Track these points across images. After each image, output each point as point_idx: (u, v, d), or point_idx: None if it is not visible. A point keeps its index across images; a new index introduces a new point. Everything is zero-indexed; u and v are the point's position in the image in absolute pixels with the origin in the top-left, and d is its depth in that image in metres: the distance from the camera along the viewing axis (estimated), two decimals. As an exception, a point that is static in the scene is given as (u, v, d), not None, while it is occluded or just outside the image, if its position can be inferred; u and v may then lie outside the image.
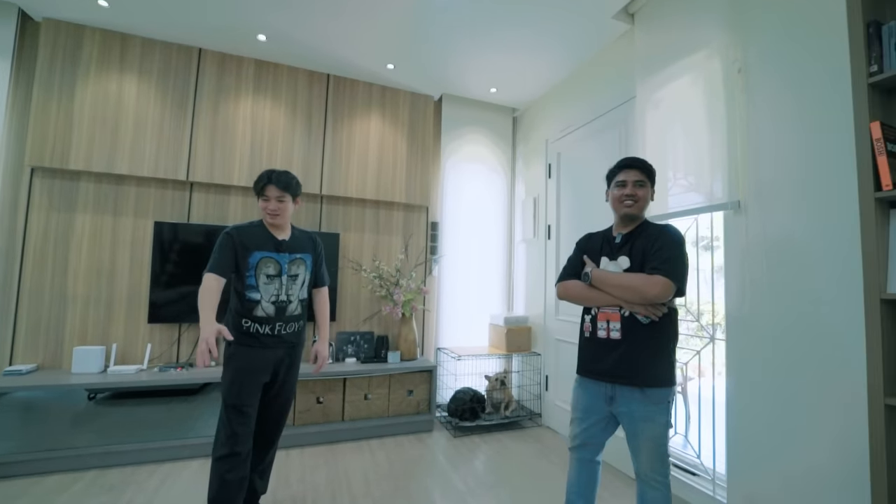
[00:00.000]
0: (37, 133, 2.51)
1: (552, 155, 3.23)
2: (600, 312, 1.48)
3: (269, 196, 1.75)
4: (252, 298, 1.71)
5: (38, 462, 2.17)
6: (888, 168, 1.31)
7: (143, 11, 2.49)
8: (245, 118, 2.95)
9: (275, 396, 1.80)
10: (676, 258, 1.39)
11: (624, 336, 1.42)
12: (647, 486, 1.41)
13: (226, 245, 1.71)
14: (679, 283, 1.37)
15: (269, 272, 1.75)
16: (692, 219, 2.13)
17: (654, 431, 1.38)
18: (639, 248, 1.45)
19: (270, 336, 1.73)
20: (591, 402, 1.50)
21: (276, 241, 1.79)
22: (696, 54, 2.01)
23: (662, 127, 2.17)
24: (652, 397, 1.38)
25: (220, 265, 1.69)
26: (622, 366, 1.41)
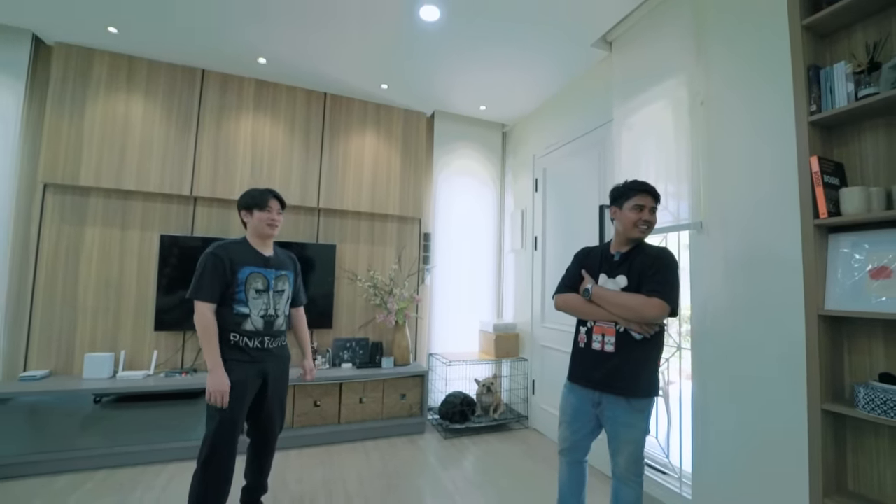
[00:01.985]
0: (49, 151, 2.66)
1: (539, 170, 3.40)
2: (596, 326, 1.60)
3: (273, 208, 1.87)
4: (241, 312, 1.76)
5: (50, 462, 2.32)
6: (824, 198, 1.48)
7: (149, 36, 2.64)
8: (246, 135, 3.10)
9: (267, 406, 1.86)
10: (672, 282, 1.51)
11: (617, 350, 1.54)
12: (623, 483, 1.58)
13: (216, 267, 1.73)
14: (673, 305, 1.49)
15: (257, 287, 1.81)
16: (662, 236, 2.29)
17: (634, 436, 1.53)
18: (636, 268, 1.56)
19: (259, 350, 1.79)
20: (580, 407, 1.63)
21: (262, 256, 1.86)
22: (666, 83, 2.18)
23: (636, 149, 2.34)
24: (636, 406, 1.52)
25: (213, 291, 1.72)
26: (613, 377, 1.54)
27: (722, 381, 1.87)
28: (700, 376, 1.97)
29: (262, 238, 1.88)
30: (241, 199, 1.89)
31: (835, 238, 1.52)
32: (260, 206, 1.86)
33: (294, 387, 2.83)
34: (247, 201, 1.87)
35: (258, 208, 1.86)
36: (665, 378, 2.94)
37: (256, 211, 1.85)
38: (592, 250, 1.75)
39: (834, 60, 1.57)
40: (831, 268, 1.51)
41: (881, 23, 1.46)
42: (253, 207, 1.86)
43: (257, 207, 1.86)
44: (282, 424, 1.99)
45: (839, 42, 1.58)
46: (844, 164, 1.55)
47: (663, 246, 1.68)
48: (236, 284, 1.76)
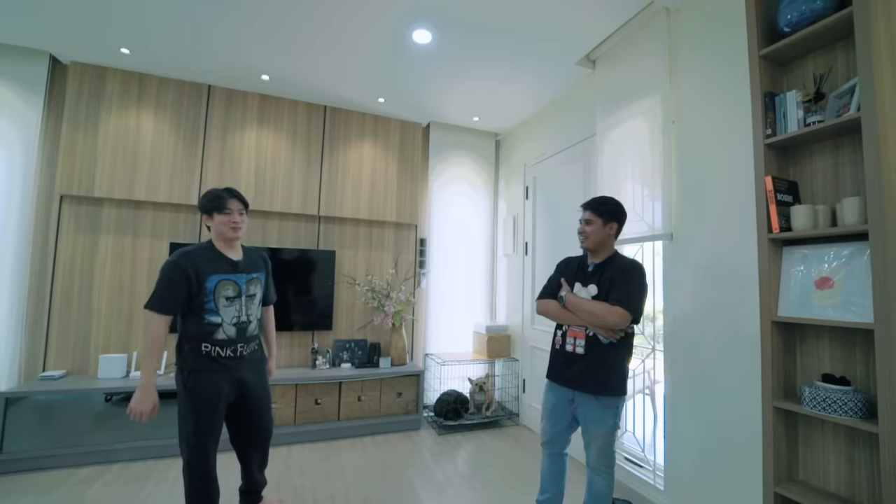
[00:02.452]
0: (65, 164, 2.83)
1: (529, 178, 3.55)
2: (570, 330, 1.77)
3: (233, 209, 1.75)
4: (213, 322, 1.69)
5: (70, 456, 2.49)
6: (776, 214, 1.63)
7: (159, 55, 2.80)
8: (250, 147, 3.26)
9: (255, 413, 1.85)
10: (634, 292, 1.66)
11: (586, 352, 1.71)
12: (595, 473, 1.76)
13: (177, 280, 1.64)
14: (635, 314, 1.64)
15: (228, 294, 1.72)
16: (639, 245, 2.44)
17: (602, 431, 1.70)
18: (606, 278, 1.71)
19: (232, 358, 1.73)
20: (557, 403, 1.81)
21: (230, 261, 1.75)
22: (642, 101, 2.33)
23: (615, 162, 2.49)
24: (604, 403, 1.69)
25: (170, 304, 1.64)
26: (583, 376, 1.71)
27: (689, 380, 2.02)
28: (671, 375, 2.12)
29: (227, 241, 1.78)
30: (200, 202, 1.78)
31: (788, 251, 1.66)
32: (219, 208, 1.73)
33: (296, 386, 2.99)
34: (204, 204, 1.75)
35: (217, 211, 1.73)
36: (652, 378, 3.10)
37: (216, 214, 1.74)
38: (572, 260, 1.92)
39: (789, 87, 1.72)
40: (784, 278, 1.66)
41: (827, 55, 1.61)
42: (212, 210, 1.74)
43: (217, 210, 1.73)
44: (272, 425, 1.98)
45: (794, 70, 1.73)
46: (798, 183, 1.70)
47: (634, 259, 1.83)
48: (204, 294, 1.67)
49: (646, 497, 2.21)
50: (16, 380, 2.69)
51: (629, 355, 1.76)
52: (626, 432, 2.52)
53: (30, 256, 2.79)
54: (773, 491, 1.56)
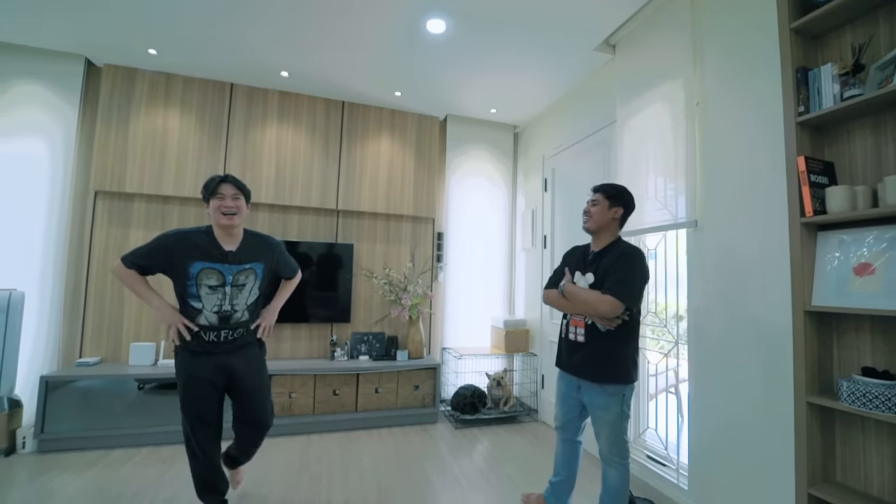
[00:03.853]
0: (99, 162, 2.97)
1: (548, 170, 3.47)
2: (572, 318, 1.78)
3: (225, 193, 1.69)
4: (194, 307, 1.68)
5: (104, 438, 2.61)
6: (810, 197, 1.52)
7: (184, 56, 2.90)
8: (271, 143, 3.34)
9: (248, 400, 1.82)
10: (626, 279, 1.62)
11: (586, 340, 1.72)
12: (608, 464, 1.73)
13: (157, 246, 1.66)
14: (627, 302, 1.61)
15: (210, 283, 1.68)
16: (661, 234, 2.35)
17: (609, 418, 1.68)
18: (603, 266, 1.69)
19: (217, 342, 1.71)
20: (566, 391, 1.84)
21: (221, 250, 1.70)
22: (664, 84, 2.23)
23: (636, 149, 2.40)
24: (608, 390, 1.67)
25: (141, 260, 1.65)
26: (584, 364, 1.72)
27: (715, 375, 1.92)
28: (695, 371, 2.02)
29: (223, 228, 1.71)
30: (202, 191, 1.77)
31: (823, 236, 1.56)
32: (212, 193, 1.68)
33: (315, 376, 3.04)
34: (203, 193, 1.73)
35: (211, 196, 1.69)
36: (676, 376, 2.98)
37: (211, 199, 1.69)
38: (577, 249, 1.90)
39: (823, 61, 1.60)
40: (819, 264, 1.55)
41: (868, 24, 1.49)
42: (208, 197, 1.70)
43: (210, 196, 1.69)
44: (272, 415, 1.94)
45: (829, 43, 1.61)
46: (834, 164, 1.58)
47: (634, 245, 1.76)
48: (187, 278, 1.67)
49: (669, 497, 2.12)
50: (55, 365, 2.85)
51: (632, 342, 1.71)
52: (648, 429, 2.43)
53: (67, 249, 2.95)
54: (807, 492, 1.47)
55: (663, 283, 2.35)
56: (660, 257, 2.39)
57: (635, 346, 1.73)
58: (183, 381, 1.71)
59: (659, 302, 2.41)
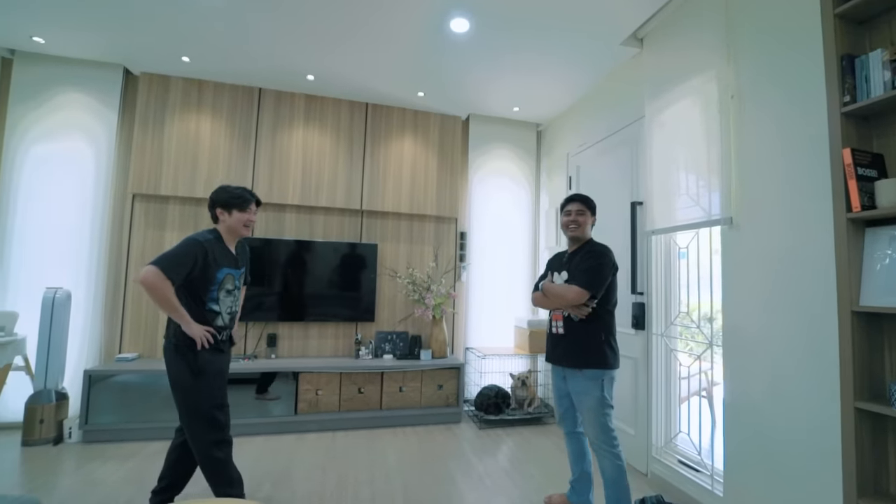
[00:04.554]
0: (137, 166, 3.11)
1: (572, 168, 3.42)
2: (553, 313, 1.96)
3: (252, 210, 1.87)
4: (213, 310, 1.78)
5: (142, 430, 2.73)
6: (857, 191, 1.44)
7: (215, 62, 3.00)
8: (297, 145, 3.41)
9: None
10: (590, 269, 1.83)
11: (565, 331, 1.90)
12: (599, 454, 1.84)
13: (192, 255, 1.69)
14: (590, 289, 1.80)
15: (228, 287, 1.82)
16: (693, 232, 2.27)
17: (590, 403, 1.82)
18: (574, 263, 1.91)
19: (226, 342, 1.86)
20: (557, 383, 2.00)
21: (233, 256, 1.85)
22: (696, 78, 2.16)
23: (667, 146, 2.33)
24: (588, 375, 1.83)
25: (178, 272, 1.66)
26: (566, 353, 1.89)
27: (753, 379, 1.84)
28: (731, 374, 1.95)
29: (236, 236, 1.87)
30: (219, 196, 1.83)
31: (872, 232, 1.47)
32: (241, 206, 1.82)
33: (340, 374, 3.09)
34: (225, 199, 1.82)
35: (238, 209, 1.82)
36: (709, 379, 2.89)
37: (237, 211, 1.82)
38: (558, 254, 2.12)
39: (872, 48, 1.51)
40: (867, 262, 1.47)
41: (923, 7, 1.40)
42: (233, 207, 1.81)
43: (238, 208, 1.82)
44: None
45: (878, 28, 1.52)
46: (884, 156, 1.50)
47: (601, 244, 1.95)
48: (213, 282, 1.75)
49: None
50: (97, 360, 3.00)
51: (607, 330, 1.87)
52: (680, 433, 2.36)
53: (108, 250, 3.09)
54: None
55: (696, 283, 2.28)
56: (692, 256, 2.31)
57: (610, 334, 1.88)
58: (211, 376, 1.77)
59: (691, 303, 2.33)
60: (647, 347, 2.50)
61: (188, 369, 1.72)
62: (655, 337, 2.46)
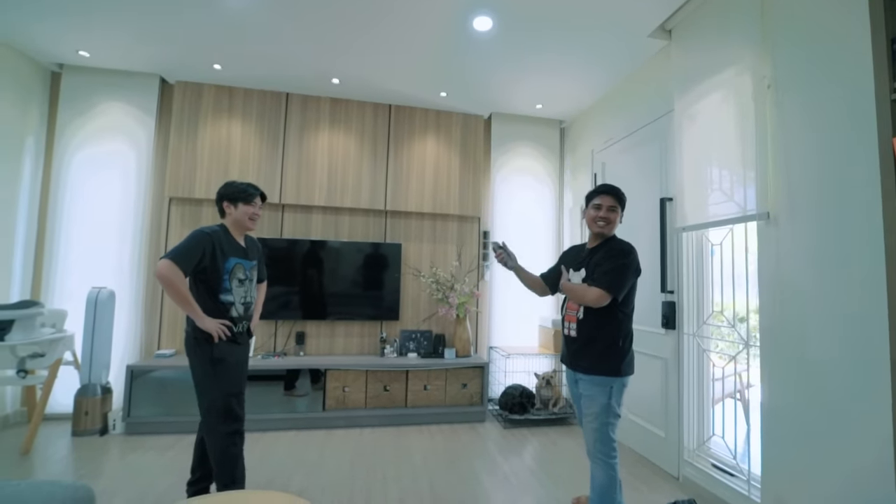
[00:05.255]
0: (173, 170, 3.25)
1: (597, 165, 3.36)
2: (567, 314, 1.85)
3: (257, 203, 1.93)
4: (228, 301, 1.82)
5: (179, 423, 2.85)
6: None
7: (244, 69, 3.10)
8: (323, 148, 3.49)
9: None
10: (612, 271, 1.69)
11: (578, 334, 1.78)
12: (594, 462, 1.75)
13: (200, 245, 1.73)
14: (613, 293, 1.67)
15: (239, 277, 1.86)
16: (728, 228, 2.19)
17: (595, 409, 1.71)
18: (595, 261, 1.78)
19: (242, 333, 1.90)
20: (572, 387, 1.91)
21: (242, 247, 1.91)
22: (728, 70, 2.09)
23: (699, 140, 2.26)
24: (596, 381, 1.72)
25: (189, 262, 1.70)
26: (577, 357, 1.79)
27: (793, 382, 1.77)
28: (769, 376, 1.87)
29: (243, 230, 1.93)
30: (226, 191, 1.89)
31: (926, 226, 1.39)
32: (246, 199, 1.88)
33: (366, 372, 3.14)
34: (232, 193, 1.88)
35: (244, 202, 1.88)
36: (743, 381, 2.79)
37: (242, 204, 1.87)
38: (573, 247, 2.02)
39: (927, 29, 1.43)
40: (921, 259, 1.38)
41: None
42: (238, 200, 1.87)
43: (243, 201, 1.88)
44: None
45: (933, 9, 1.43)
46: (939, 144, 1.41)
47: (626, 241, 1.80)
48: (223, 272, 1.80)
49: (739, 509, 1.98)
50: (138, 356, 3.16)
51: (622, 336, 1.74)
52: (714, 436, 2.28)
53: (147, 251, 3.25)
54: (909, 512, 1.31)
55: (730, 281, 2.20)
56: (725, 253, 2.24)
57: (625, 339, 1.74)
58: (229, 365, 1.81)
59: (725, 302, 2.26)
60: (677, 348, 2.43)
61: (207, 359, 1.78)
62: (687, 337, 2.39)
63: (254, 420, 2.92)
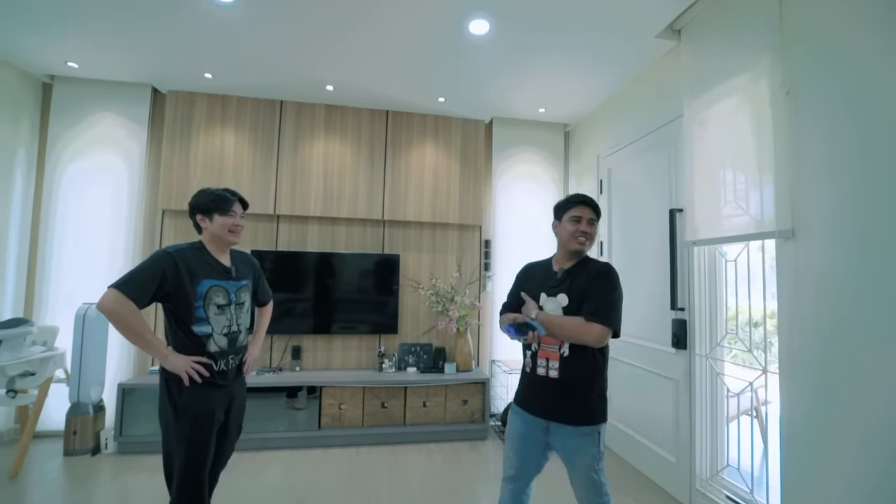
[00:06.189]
0: (165, 182, 3.18)
1: (603, 170, 3.21)
2: (540, 350, 1.51)
3: (236, 211, 1.62)
4: (203, 332, 1.51)
5: (173, 443, 2.78)
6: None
7: (236, 77, 3.02)
8: (318, 156, 3.39)
9: (228, 431, 1.63)
10: (613, 303, 1.42)
11: (561, 374, 1.46)
12: None
13: (157, 268, 1.44)
14: (615, 328, 1.41)
15: (218, 302, 1.56)
16: (743, 245, 2.04)
17: (586, 463, 1.44)
18: (578, 286, 1.47)
19: (224, 372, 1.56)
20: (528, 432, 1.52)
21: (223, 266, 1.61)
22: (743, 74, 1.94)
23: (711, 147, 2.11)
24: (584, 431, 1.43)
25: (141, 290, 1.41)
26: (559, 404, 1.45)
27: (818, 409, 1.62)
28: (790, 402, 1.73)
29: (224, 245, 1.63)
30: (197, 201, 1.61)
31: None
32: (222, 209, 1.58)
33: (363, 388, 3.04)
34: (204, 204, 1.59)
35: (219, 212, 1.58)
36: (760, 398, 2.63)
37: (217, 215, 1.58)
38: (534, 266, 1.67)
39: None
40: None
41: None
42: (213, 211, 1.58)
43: (218, 211, 1.58)
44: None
45: (975, 6, 1.28)
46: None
47: (606, 262, 1.55)
48: (195, 299, 1.50)
49: (756, 547, 1.84)
50: (131, 373, 3.10)
51: (605, 368, 1.51)
52: (728, 467, 2.14)
53: (141, 264, 3.18)
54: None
55: (745, 299, 2.05)
56: (741, 268, 2.09)
57: (606, 377, 1.52)
58: (192, 417, 1.46)
59: (740, 320, 2.11)
60: (689, 369, 2.29)
61: (170, 404, 1.46)
62: (699, 358, 2.25)
63: (249, 439, 2.85)
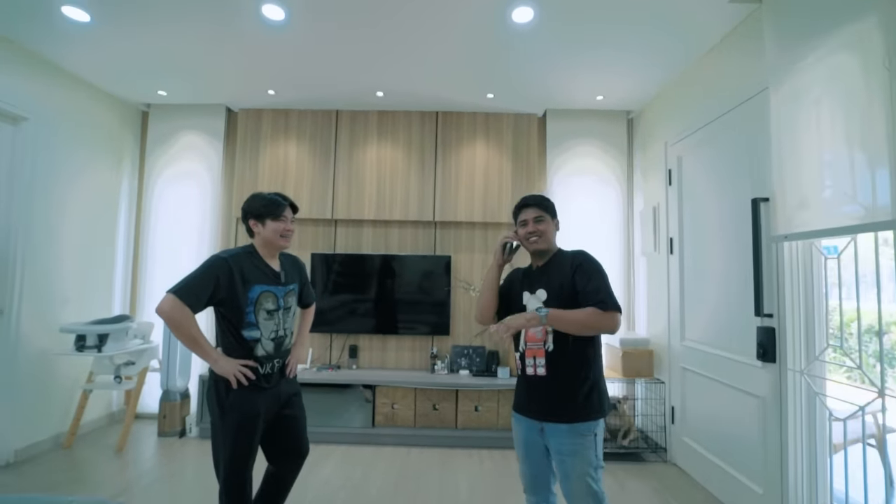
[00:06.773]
0: (238, 192, 3.48)
1: (672, 159, 2.89)
2: (527, 349, 1.48)
3: (287, 216, 1.64)
4: (252, 337, 1.54)
5: (244, 432, 3.03)
6: None
7: (296, 92, 3.22)
8: (372, 161, 3.49)
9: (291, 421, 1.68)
10: (609, 286, 1.40)
11: (548, 371, 1.42)
12: None
13: (212, 275, 1.49)
14: (619, 309, 1.37)
15: (268, 307, 1.58)
16: (850, 237, 1.68)
17: (582, 468, 1.36)
18: (555, 278, 1.47)
19: (270, 374, 1.59)
20: (528, 438, 1.49)
21: (273, 272, 1.63)
22: (845, 29, 1.60)
23: (806, 123, 1.77)
24: (579, 429, 1.38)
25: (197, 297, 1.46)
26: (551, 403, 1.42)
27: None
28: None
29: (274, 250, 1.65)
30: (250, 206, 1.63)
31: None
32: (274, 214, 1.61)
33: (415, 389, 3.05)
34: (257, 209, 1.61)
35: (272, 217, 1.60)
36: (878, 423, 2.18)
37: (269, 221, 1.60)
38: (517, 270, 1.66)
39: None
40: None
41: None
42: (265, 217, 1.60)
43: (271, 217, 1.60)
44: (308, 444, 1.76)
45: None
46: None
47: (578, 249, 1.54)
48: (246, 305, 1.53)
49: None
50: (213, 365, 3.44)
51: (598, 366, 1.46)
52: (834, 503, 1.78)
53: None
54: None
55: (853, 304, 1.69)
56: (846, 267, 1.72)
57: (601, 369, 1.48)
58: (238, 419, 1.49)
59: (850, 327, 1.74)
60: (778, 386, 1.95)
61: (218, 404, 1.51)
62: (791, 373, 1.90)
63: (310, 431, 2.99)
